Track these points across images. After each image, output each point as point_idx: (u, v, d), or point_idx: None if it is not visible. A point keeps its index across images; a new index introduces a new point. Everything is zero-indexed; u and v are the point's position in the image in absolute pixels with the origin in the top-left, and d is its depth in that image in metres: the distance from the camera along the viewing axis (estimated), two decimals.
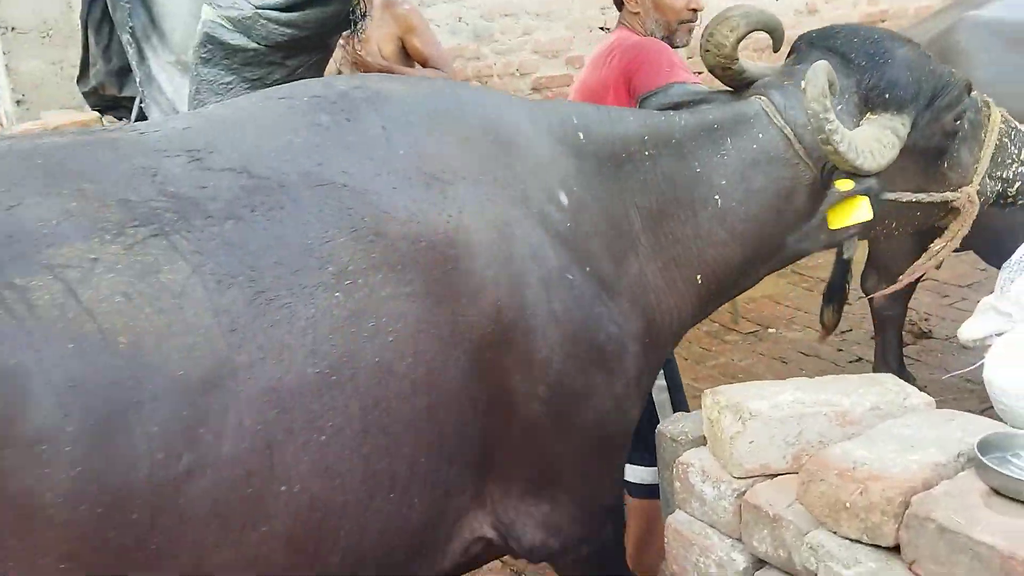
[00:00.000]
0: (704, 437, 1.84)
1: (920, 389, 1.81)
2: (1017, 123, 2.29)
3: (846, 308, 5.15)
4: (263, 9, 2.77)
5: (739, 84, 2.13)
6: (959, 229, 2.15)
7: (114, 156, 1.49)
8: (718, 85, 2.20)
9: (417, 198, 1.61)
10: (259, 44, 2.80)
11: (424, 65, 4.11)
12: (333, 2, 2.78)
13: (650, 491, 2.49)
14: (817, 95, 1.79)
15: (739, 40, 2.05)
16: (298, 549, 1.46)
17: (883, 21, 6.70)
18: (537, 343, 1.70)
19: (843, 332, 4.79)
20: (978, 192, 2.14)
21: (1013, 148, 2.20)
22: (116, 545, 1.30)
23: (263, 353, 1.39)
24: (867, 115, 2.00)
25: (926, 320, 4.81)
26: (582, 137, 1.90)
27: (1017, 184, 2.21)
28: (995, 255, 2.07)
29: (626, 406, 1.92)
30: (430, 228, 1.59)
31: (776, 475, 1.69)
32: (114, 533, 1.29)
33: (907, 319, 4.16)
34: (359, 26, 3.01)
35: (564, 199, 1.80)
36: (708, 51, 2.09)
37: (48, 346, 1.26)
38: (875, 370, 3.92)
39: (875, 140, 1.93)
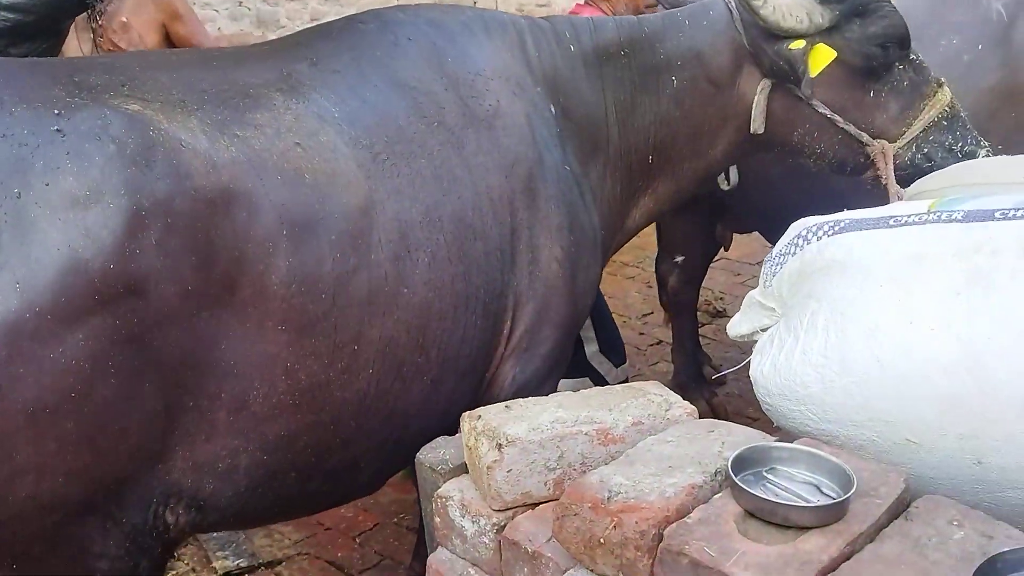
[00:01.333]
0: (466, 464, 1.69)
1: (715, 368, 1.78)
2: (965, 115, 2.38)
3: (647, 290, 5.13)
4: None
5: None
6: (884, 175, 2.34)
7: (265, 58, 2.03)
8: None
9: (464, 95, 2.11)
10: None
11: None
12: None
13: None
14: None
15: None
16: (413, 338, 1.92)
17: None
18: (553, 213, 2.16)
19: (645, 315, 4.83)
20: (898, 154, 2.35)
21: (949, 135, 2.37)
22: (311, 314, 1.77)
23: (387, 194, 1.90)
24: None
25: (720, 299, 4.91)
26: (572, 49, 2.34)
27: (927, 168, 2.34)
28: (777, 237, 2.10)
29: (594, 290, 2.37)
30: (475, 118, 2.10)
31: (539, 503, 1.56)
32: (311, 306, 1.76)
33: (701, 298, 4.23)
34: (97, 8, 2.65)
35: (553, 109, 2.26)
36: None
37: (267, 176, 1.75)
38: (672, 352, 3.97)
39: (785, 6, 2.26)
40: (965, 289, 1.61)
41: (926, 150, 2.36)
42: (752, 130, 2.40)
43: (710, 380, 3.83)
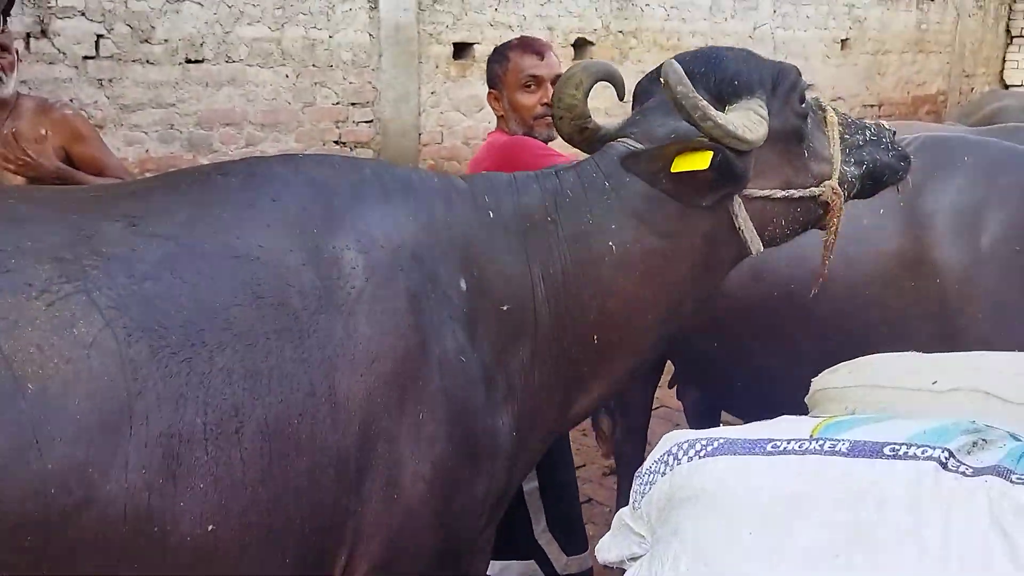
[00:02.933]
0: None
1: None
2: (846, 113, 2.33)
3: (582, 439, 4.78)
4: None
5: (598, 143, 2.14)
6: (836, 221, 2.18)
7: (71, 210, 1.68)
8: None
9: (324, 273, 1.72)
10: None
11: (100, 175, 3.48)
12: None
13: None
14: (678, 80, 1.84)
15: (586, 94, 2.12)
16: None
17: None
18: (427, 419, 1.76)
19: (578, 467, 4.53)
20: (840, 183, 2.17)
21: (857, 135, 2.27)
22: (9, 569, 1.43)
23: (159, 402, 1.52)
24: (726, 108, 2.02)
25: None
26: (491, 215, 1.97)
27: (873, 164, 2.25)
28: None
29: (478, 512, 1.91)
30: (331, 301, 1.71)
31: None
32: (8, 557, 1.42)
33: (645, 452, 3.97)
34: None
35: (463, 284, 1.88)
36: (561, 118, 2.15)
37: None
38: (617, 506, 3.66)
39: (744, 119, 1.97)
40: (844, 549, 1.34)
41: (853, 159, 2.22)
42: (754, 251, 2.02)
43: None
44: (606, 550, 1.76)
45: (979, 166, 2.61)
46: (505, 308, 1.92)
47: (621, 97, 2.25)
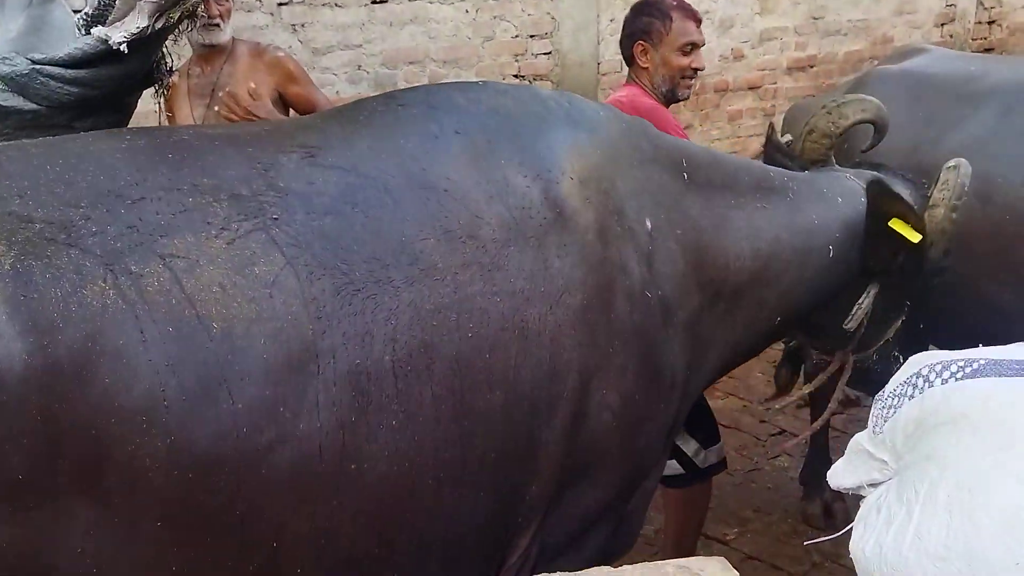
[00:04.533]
0: None
1: None
2: None
3: (773, 371, 4.68)
4: (43, 65, 2.32)
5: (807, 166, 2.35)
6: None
7: (253, 145, 1.64)
8: None
9: (513, 205, 1.69)
10: (38, 105, 2.35)
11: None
12: (130, 58, 2.34)
13: (684, 480, 2.85)
14: (962, 180, 2.21)
15: (843, 132, 2.29)
16: (364, 527, 1.53)
17: (811, 67, 6.40)
18: (617, 350, 1.74)
19: (769, 399, 4.40)
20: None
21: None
22: (205, 509, 1.42)
23: (345, 340, 1.49)
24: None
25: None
26: (686, 177, 1.98)
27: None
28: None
29: (662, 445, 1.97)
30: (521, 235, 1.67)
31: None
32: (204, 497, 1.41)
33: None
34: (164, 83, 2.59)
35: (649, 224, 1.86)
36: (811, 133, 2.31)
37: (152, 329, 1.38)
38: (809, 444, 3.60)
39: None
40: None
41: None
42: (845, 325, 2.28)
43: None
44: (840, 475, 1.65)
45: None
46: (686, 252, 1.96)
47: (873, 145, 2.44)
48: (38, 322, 1.31)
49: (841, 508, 3.36)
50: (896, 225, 2.12)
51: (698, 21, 3.05)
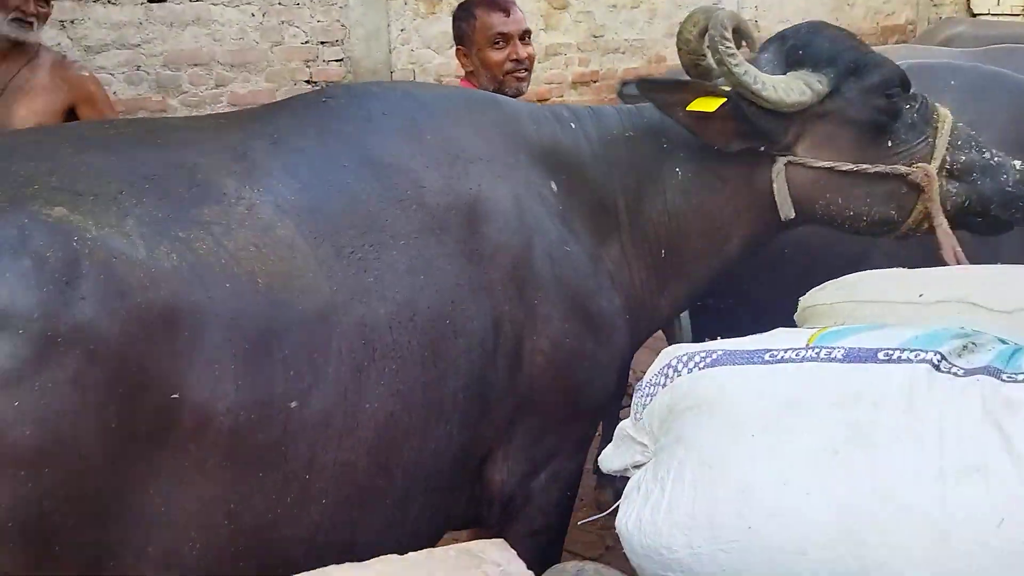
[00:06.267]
0: None
1: None
2: (972, 131, 2.26)
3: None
4: None
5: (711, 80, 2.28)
6: (934, 208, 2.14)
7: (218, 133, 1.82)
8: None
9: (446, 174, 1.89)
10: None
11: None
12: None
13: None
14: (717, 23, 2.05)
15: (702, 34, 2.20)
16: (374, 459, 1.71)
17: (594, 82, 6.79)
18: (542, 301, 1.94)
19: None
20: (941, 188, 2.15)
21: (975, 151, 2.21)
22: (259, 445, 1.56)
23: (352, 295, 1.68)
24: (788, 73, 2.17)
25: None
26: (573, 126, 2.15)
27: (979, 188, 2.19)
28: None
29: (606, 378, 2.10)
30: (458, 198, 1.88)
31: None
32: (260, 436, 1.56)
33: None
34: None
35: (554, 186, 2.06)
36: (680, 48, 2.27)
37: (214, 286, 1.53)
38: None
39: (783, 83, 2.09)
40: (843, 447, 1.40)
41: (963, 179, 2.18)
42: (783, 217, 2.16)
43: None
44: (609, 459, 1.81)
45: (964, 89, 2.65)
46: (594, 208, 2.10)
47: (752, 47, 2.31)
48: (130, 282, 1.44)
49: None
50: (695, 106, 2.08)
51: (505, 11, 2.94)
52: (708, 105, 2.08)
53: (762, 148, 2.13)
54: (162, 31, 5.26)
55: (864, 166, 2.14)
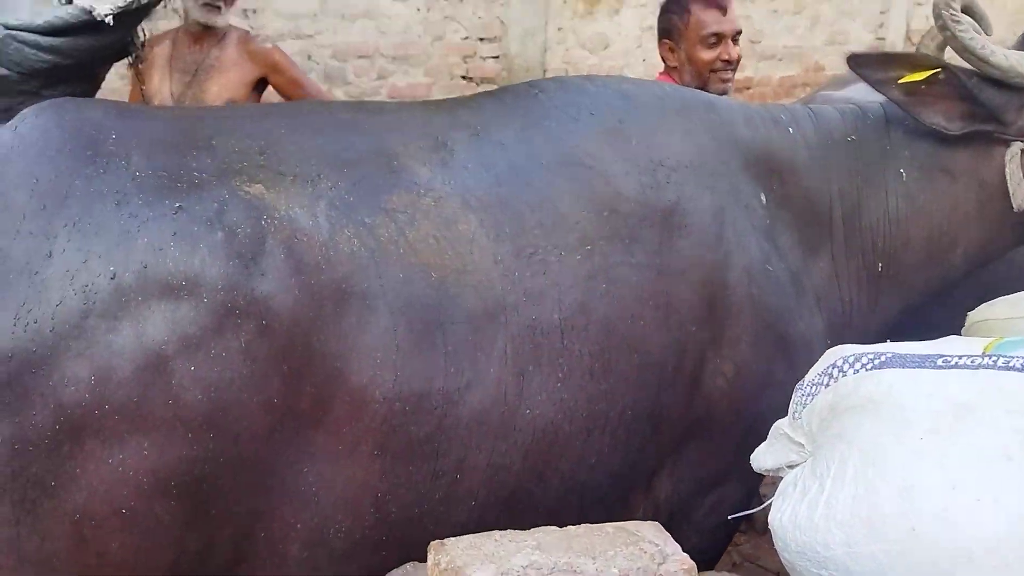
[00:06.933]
0: None
1: None
2: None
3: None
4: (18, 31, 2.35)
5: None
6: None
7: (427, 119, 1.83)
8: None
9: (645, 182, 1.84)
10: (8, 70, 2.37)
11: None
12: (111, 30, 2.38)
13: None
14: (946, 2, 1.93)
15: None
16: (529, 465, 1.69)
17: (748, 89, 6.69)
18: (732, 322, 1.86)
19: None
20: None
21: None
22: (413, 437, 1.56)
23: (524, 296, 1.67)
24: None
25: None
26: (791, 131, 2.06)
27: None
28: None
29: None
30: (654, 208, 1.83)
31: None
32: (414, 428, 1.56)
33: None
34: (138, 56, 2.65)
35: (763, 197, 1.97)
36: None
37: (388, 274, 1.57)
38: None
39: (1017, 55, 1.96)
40: (1019, 454, 1.38)
41: None
42: (1015, 207, 2.04)
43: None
44: (762, 458, 1.82)
45: None
46: (805, 220, 2.00)
47: (986, 30, 2.15)
48: (307, 262, 1.50)
49: (761, 515, 3.51)
50: (908, 78, 1.99)
51: (722, 9, 2.85)
52: (920, 74, 1.98)
53: (992, 131, 2.02)
54: (334, 23, 5.55)
55: None
